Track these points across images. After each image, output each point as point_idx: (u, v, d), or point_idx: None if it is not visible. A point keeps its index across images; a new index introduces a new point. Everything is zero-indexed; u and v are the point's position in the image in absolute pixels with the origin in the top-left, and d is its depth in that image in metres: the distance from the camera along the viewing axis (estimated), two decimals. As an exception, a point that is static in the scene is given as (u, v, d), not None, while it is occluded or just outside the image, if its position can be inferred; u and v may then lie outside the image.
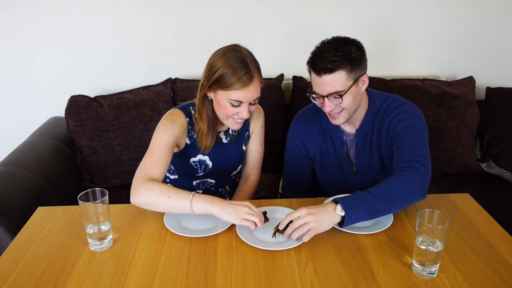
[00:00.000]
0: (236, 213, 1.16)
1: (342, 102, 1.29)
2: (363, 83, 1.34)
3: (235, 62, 1.26)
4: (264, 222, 1.19)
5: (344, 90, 1.28)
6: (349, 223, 1.17)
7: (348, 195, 1.20)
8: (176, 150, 1.42)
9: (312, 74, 1.31)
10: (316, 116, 1.48)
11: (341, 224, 1.18)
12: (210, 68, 1.30)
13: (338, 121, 1.37)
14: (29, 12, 2.12)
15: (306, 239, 1.14)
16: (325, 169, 1.52)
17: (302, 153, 1.53)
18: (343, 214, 1.16)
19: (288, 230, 1.15)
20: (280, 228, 1.17)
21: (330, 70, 1.25)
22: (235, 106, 1.30)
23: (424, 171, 1.24)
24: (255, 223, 1.15)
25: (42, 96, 2.28)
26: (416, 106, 1.41)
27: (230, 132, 1.50)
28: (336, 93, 1.28)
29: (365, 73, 1.33)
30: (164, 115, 1.40)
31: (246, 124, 1.53)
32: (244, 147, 1.55)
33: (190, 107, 1.43)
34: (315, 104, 1.48)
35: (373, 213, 1.19)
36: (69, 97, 2.02)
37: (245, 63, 1.26)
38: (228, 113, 1.32)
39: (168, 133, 1.33)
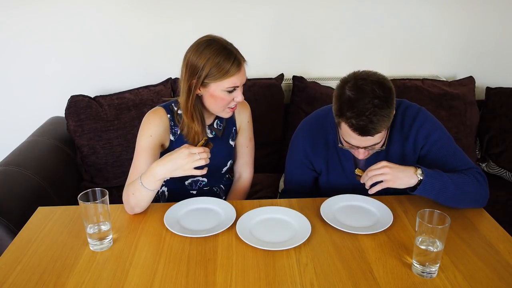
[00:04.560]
0: (182, 168, 1.18)
1: (377, 147, 1.28)
2: None
3: (219, 54, 1.27)
4: (210, 148, 1.23)
5: (382, 140, 1.26)
6: (421, 190, 1.21)
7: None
8: (161, 150, 1.43)
9: (346, 127, 1.21)
10: (323, 131, 1.44)
11: (412, 189, 1.22)
12: (194, 67, 1.29)
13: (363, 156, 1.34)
14: (29, 12, 2.12)
15: (373, 190, 1.18)
16: (331, 180, 1.48)
17: (306, 165, 1.49)
18: (421, 178, 1.19)
19: (364, 176, 1.22)
20: (362, 181, 1.24)
21: (375, 133, 1.19)
22: (231, 92, 1.32)
23: (484, 178, 1.30)
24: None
25: (42, 96, 2.28)
26: (425, 109, 1.40)
27: (215, 126, 1.49)
28: (374, 145, 1.26)
29: None
30: (145, 116, 1.41)
31: (231, 118, 1.52)
32: (232, 142, 1.54)
33: (172, 104, 1.44)
34: (320, 115, 1.46)
35: (443, 193, 1.22)
36: (69, 97, 2.02)
37: (228, 50, 1.28)
38: (225, 103, 1.33)
39: (145, 137, 1.37)
